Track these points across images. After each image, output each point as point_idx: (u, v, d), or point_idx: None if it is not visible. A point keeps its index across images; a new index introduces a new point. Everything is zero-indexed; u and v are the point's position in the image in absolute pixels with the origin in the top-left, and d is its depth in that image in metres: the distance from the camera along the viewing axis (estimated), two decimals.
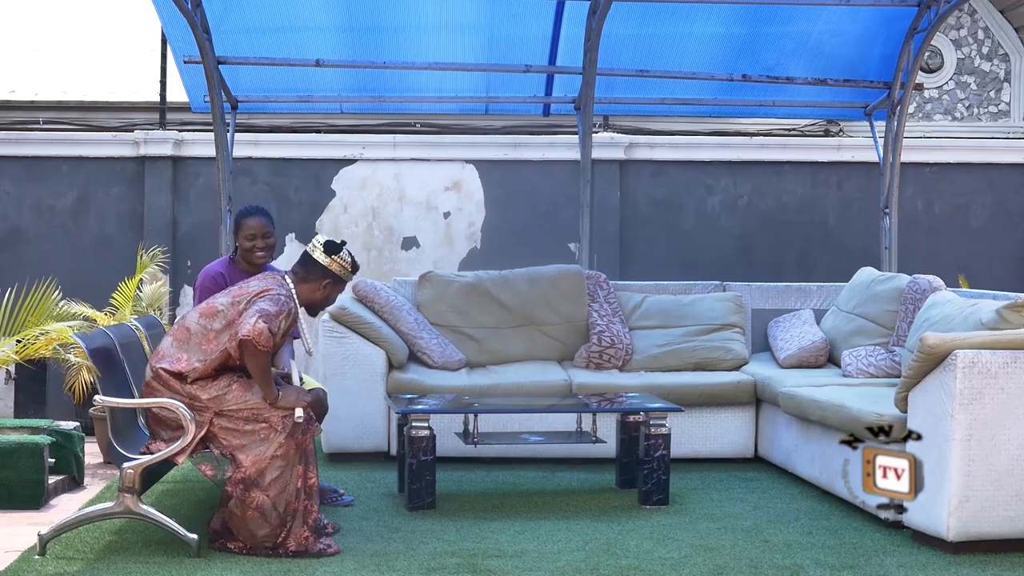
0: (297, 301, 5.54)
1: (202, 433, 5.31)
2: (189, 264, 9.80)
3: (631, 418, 6.75)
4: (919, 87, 9.44)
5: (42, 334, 6.95)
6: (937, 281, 7.44)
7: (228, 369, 5.40)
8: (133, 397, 5.62)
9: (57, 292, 7.25)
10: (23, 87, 10.44)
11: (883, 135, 9.17)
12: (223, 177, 8.62)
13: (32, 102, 10.31)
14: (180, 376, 5.35)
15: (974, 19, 10.65)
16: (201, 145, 9.81)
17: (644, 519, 6.08)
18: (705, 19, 8.82)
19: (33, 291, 6.81)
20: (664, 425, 6.36)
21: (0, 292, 7.16)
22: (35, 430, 6.57)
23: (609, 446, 6.98)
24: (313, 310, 5.65)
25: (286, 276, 5.59)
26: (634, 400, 6.74)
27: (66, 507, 6.25)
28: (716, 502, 6.48)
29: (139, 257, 8.65)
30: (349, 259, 5.58)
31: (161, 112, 10.10)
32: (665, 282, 8.67)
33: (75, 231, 9.83)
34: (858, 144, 10.27)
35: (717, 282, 8.65)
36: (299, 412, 5.34)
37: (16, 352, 6.91)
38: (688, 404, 7.38)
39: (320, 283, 5.55)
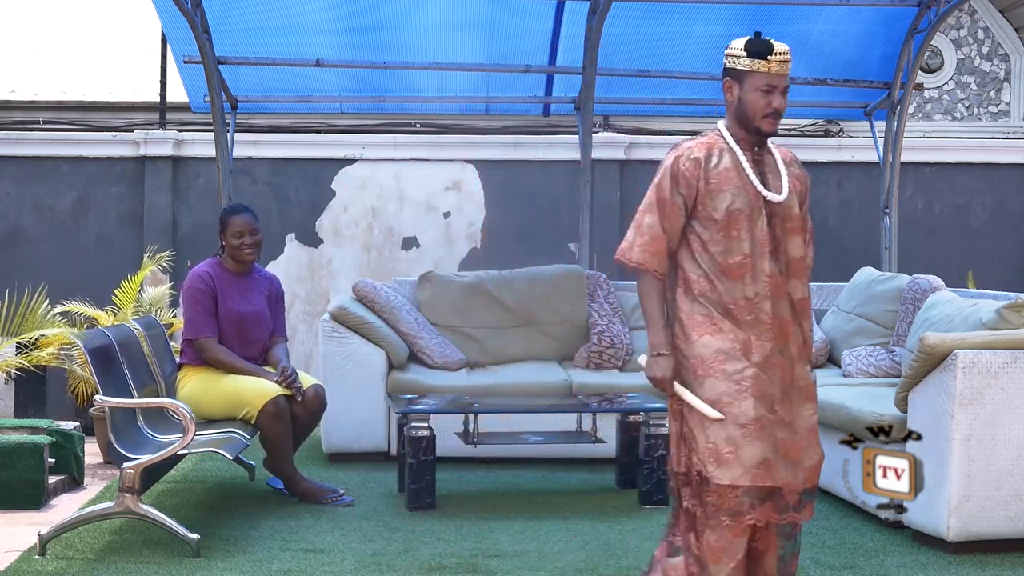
0: (724, 131, 4.55)
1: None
2: (189, 264, 9.78)
3: (631, 418, 6.75)
4: (919, 87, 9.44)
5: (40, 337, 6.95)
6: (937, 281, 7.43)
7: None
8: (133, 397, 5.62)
9: (47, 302, 7.21)
10: (23, 87, 10.43)
11: (883, 135, 9.17)
12: (223, 177, 8.62)
13: (32, 102, 10.31)
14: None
15: (974, 19, 10.65)
16: (201, 145, 9.80)
17: (644, 519, 6.07)
18: (705, 19, 8.82)
19: (31, 296, 6.79)
20: (664, 425, 6.35)
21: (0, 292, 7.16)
22: (35, 430, 6.56)
23: (609, 446, 6.97)
24: (748, 127, 4.53)
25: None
26: (634, 400, 6.74)
27: (66, 507, 6.24)
28: None
29: (144, 258, 8.65)
30: (741, 42, 4.52)
31: (161, 112, 10.09)
32: None
33: (75, 231, 9.82)
34: (858, 144, 10.26)
35: None
36: None
37: (23, 358, 6.92)
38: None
39: (725, 86, 4.56)
